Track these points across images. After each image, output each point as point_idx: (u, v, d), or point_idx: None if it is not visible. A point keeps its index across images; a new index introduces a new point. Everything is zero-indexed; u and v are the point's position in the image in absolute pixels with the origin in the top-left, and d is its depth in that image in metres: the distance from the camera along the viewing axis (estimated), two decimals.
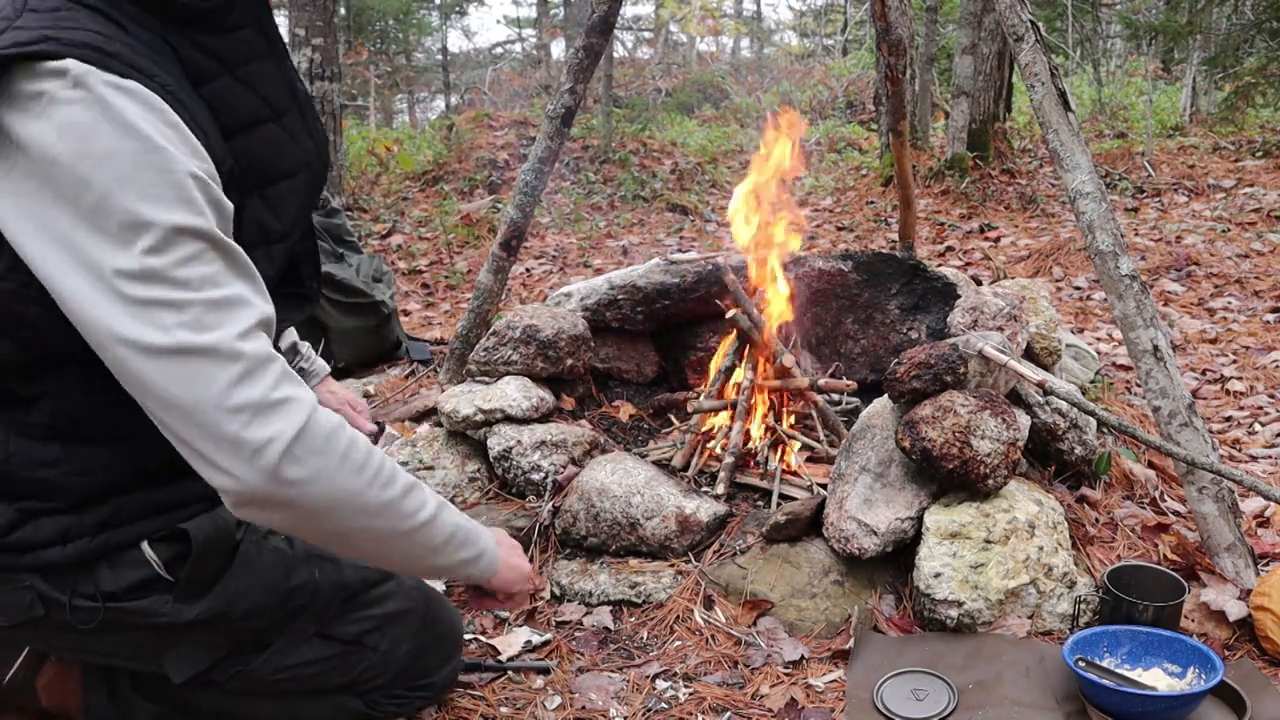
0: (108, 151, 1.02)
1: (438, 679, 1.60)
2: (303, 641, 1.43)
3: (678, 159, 8.10)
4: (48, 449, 1.22)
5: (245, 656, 1.40)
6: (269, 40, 1.27)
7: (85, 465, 1.23)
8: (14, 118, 1.03)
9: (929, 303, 2.65)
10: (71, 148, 1.01)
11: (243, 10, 1.22)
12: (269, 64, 1.26)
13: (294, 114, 1.30)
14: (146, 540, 1.28)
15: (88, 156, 1.01)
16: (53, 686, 1.42)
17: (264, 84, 1.25)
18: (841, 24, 17.12)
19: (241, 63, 1.22)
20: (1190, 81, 9.27)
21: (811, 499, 2.09)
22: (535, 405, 2.38)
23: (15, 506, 1.22)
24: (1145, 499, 2.25)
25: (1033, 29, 2.04)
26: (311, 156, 1.32)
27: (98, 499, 1.25)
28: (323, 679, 1.47)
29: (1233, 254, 5.05)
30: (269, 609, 1.37)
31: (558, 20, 14.42)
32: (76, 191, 1.01)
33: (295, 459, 1.06)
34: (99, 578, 1.25)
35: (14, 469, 1.21)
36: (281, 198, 1.27)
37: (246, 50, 1.23)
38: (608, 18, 2.61)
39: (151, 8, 1.14)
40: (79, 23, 1.08)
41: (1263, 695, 1.61)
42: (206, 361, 1.03)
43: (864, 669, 1.72)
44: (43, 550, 1.22)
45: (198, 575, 1.30)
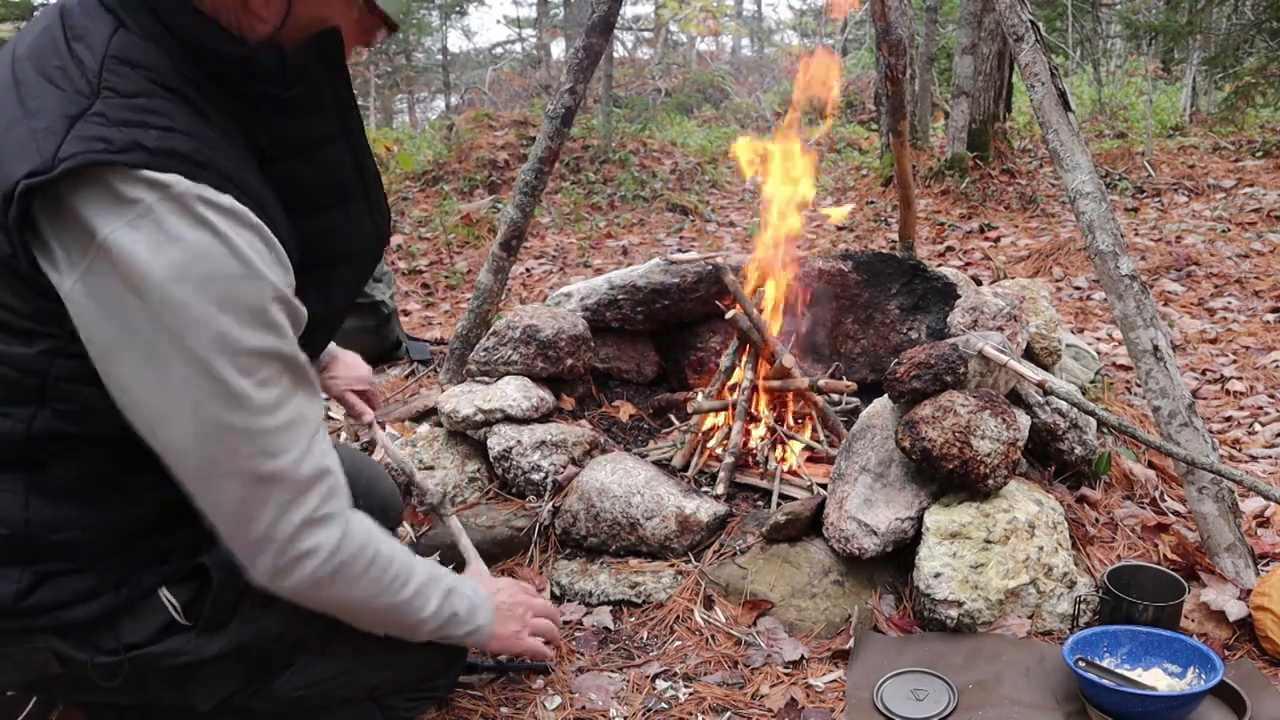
0: (205, 276, 1.02)
1: (446, 680, 1.61)
2: (320, 658, 1.42)
3: (678, 159, 8.10)
4: (67, 510, 1.19)
5: (267, 677, 1.38)
6: (343, 122, 1.24)
7: (105, 525, 1.21)
8: (102, 219, 1.00)
9: (929, 303, 2.65)
10: (167, 268, 1.01)
11: (322, 93, 1.19)
12: (341, 147, 1.24)
13: (359, 198, 1.28)
14: (165, 585, 1.26)
15: (184, 280, 1.01)
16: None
17: (333, 169, 1.23)
18: (841, 24, 17.11)
19: (314, 146, 1.20)
20: (1190, 81, 9.27)
21: (811, 499, 2.09)
22: (535, 405, 2.38)
23: (31, 570, 1.18)
24: (1145, 499, 2.25)
25: (1033, 29, 2.04)
26: (369, 241, 1.31)
27: (117, 553, 1.23)
28: (343, 691, 1.46)
29: (1233, 254, 5.05)
30: (289, 633, 1.36)
31: (558, 20, 14.41)
32: (165, 309, 1.02)
33: (317, 584, 1.20)
34: (120, 631, 1.24)
35: (32, 532, 1.18)
36: (334, 282, 1.26)
37: (320, 134, 1.21)
38: (608, 18, 2.61)
39: (234, 92, 1.12)
40: (168, 118, 1.04)
41: (1263, 695, 1.61)
42: (267, 487, 1.12)
43: (864, 669, 1.72)
44: (63, 610, 1.19)
45: (217, 609, 1.28)
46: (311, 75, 1.16)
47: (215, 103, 1.10)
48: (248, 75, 1.11)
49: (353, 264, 1.30)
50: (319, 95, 1.19)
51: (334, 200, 1.23)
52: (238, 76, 1.11)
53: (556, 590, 2.05)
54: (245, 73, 1.11)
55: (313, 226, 1.20)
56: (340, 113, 1.23)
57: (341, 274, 1.27)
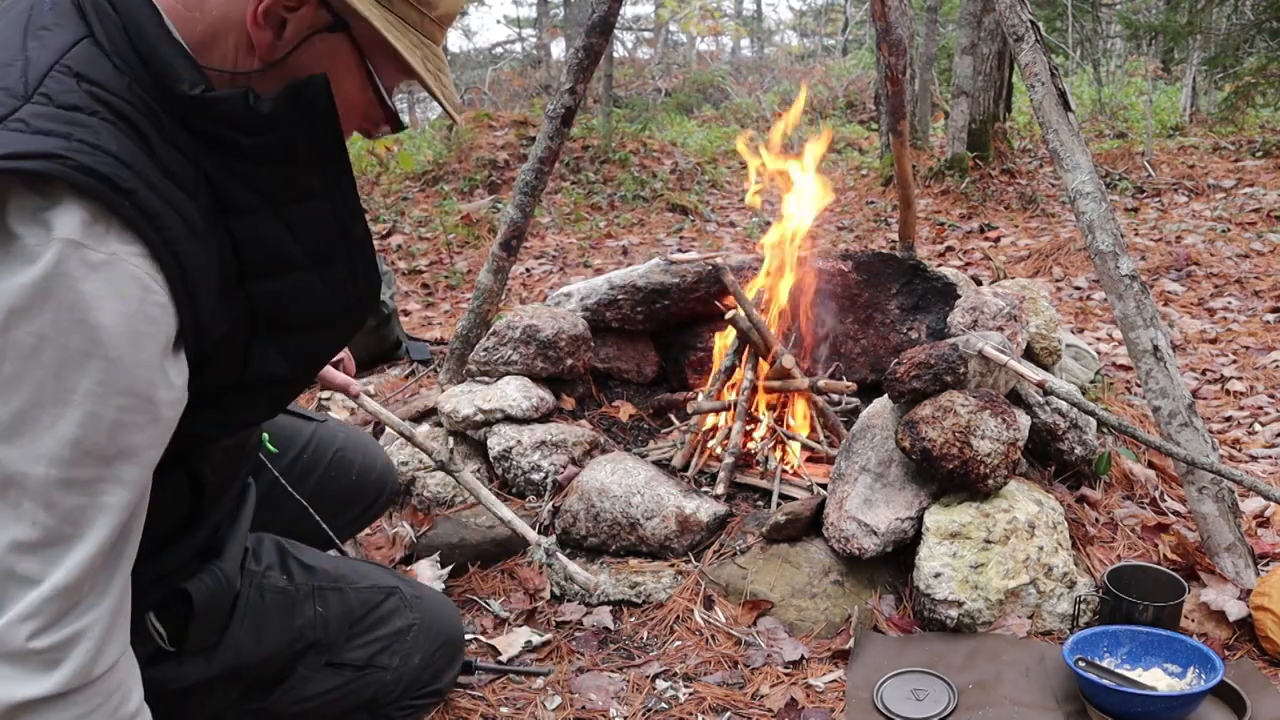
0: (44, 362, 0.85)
1: (443, 684, 1.60)
2: (315, 674, 1.41)
3: (678, 159, 8.10)
4: None
5: (258, 694, 1.37)
6: (326, 180, 1.07)
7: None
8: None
9: (929, 303, 2.65)
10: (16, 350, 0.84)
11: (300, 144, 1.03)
12: (322, 205, 1.08)
13: (340, 263, 1.12)
14: (151, 612, 1.21)
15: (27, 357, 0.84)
16: None
17: (308, 228, 1.07)
18: (841, 24, 17.11)
19: (288, 201, 1.05)
20: (1190, 81, 9.27)
21: (811, 499, 2.09)
22: (535, 405, 2.38)
23: None
24: (1145, 499, 2.25)
25: (1033, 29, 2.04)
26: (350, 307, 1.16)
27: None
28: (339, 704, 1.45)
29: (1233, 254, 5.05)
30: (279, 654, 1.34)
31: (558, 20, 14.41)
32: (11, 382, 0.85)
33: None
34: None
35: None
36: (298, 347, 1.12)
37: (297, 188, 1.05)
38: (608, 18, 2.61)
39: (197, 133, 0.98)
40: (97, 137, 0.89)
41: (1263, 695, 1.61)
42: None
43: (864, 669, 1.72)
44: None
45: (202, 634, 1.25)
46: (285, 125, 1.01)
47: (174, 141, 0.96)
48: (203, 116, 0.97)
49: (322, 333, 1.16)
50: (293, 148, 1.03)
51: (308, 262, 1.08)
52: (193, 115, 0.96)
53: (556, 590, 2.05)
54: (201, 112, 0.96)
55: (279, 287, 1.07)
56: (323, 170, 1.07)
57: (309, 340, 1.14)
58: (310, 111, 1.02)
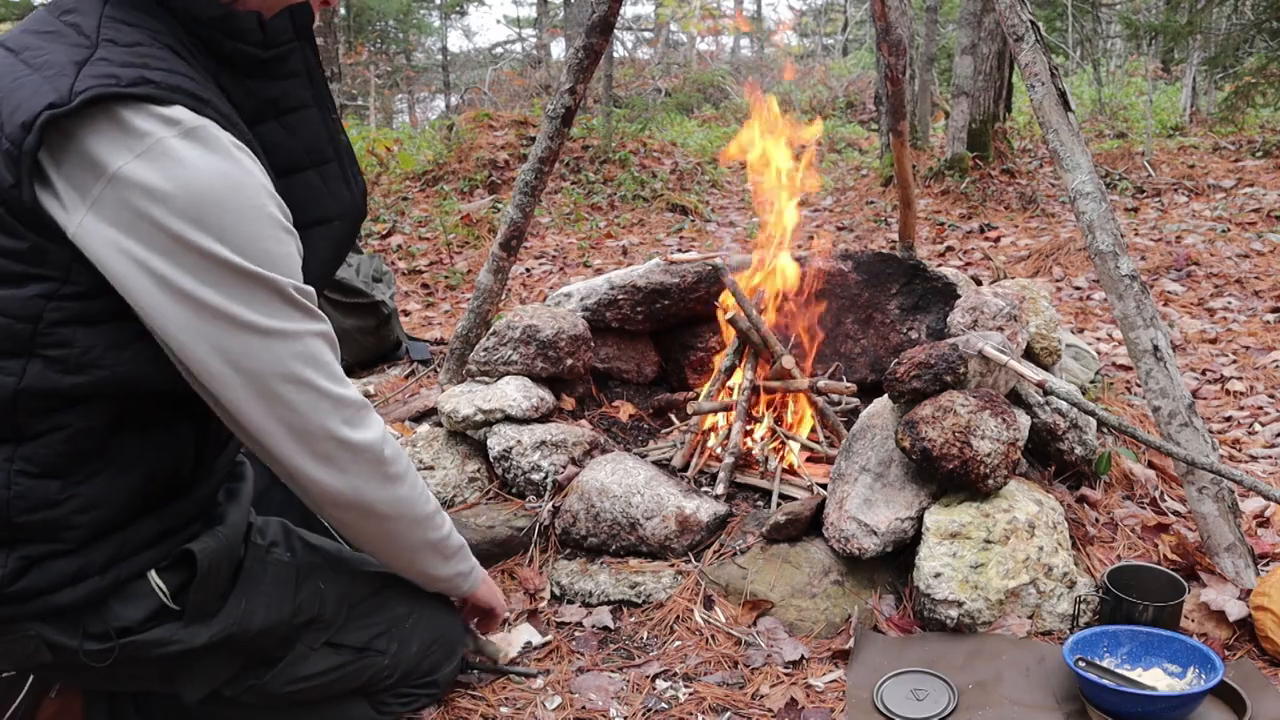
0: (225, 192, 1.09)
1: (441, 676, 1.61)
2: (313, 652, 1.42)
3: (678, 159, 8.10)
4: (49, 486, 1.16)
5: (258, 671, 1.38)
6: (315, 91, 1.30)
7: (90, 500, 1.19)
8: (112, 153, 1.06)
9: (929, 303, 2.65)
10: (183, 190, 1.07)
11: (295, 60, 1.26)
12: (314, 113, 1.30)
13: (334, 164, 1.33)
14: (153, 569, 1.25)
15: (201, 199, 1.08)
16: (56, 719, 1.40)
17: (307, 132, 1.29)
18: (842, 24, 17.12)
19: (289, 110, 1.27)
20: (1190, 81, 9.27)
21: (811, 499, 2.09)
22: (535, 405, 2.38)
23: (17, 555, 1.16)
24: (1145, 499, 2.25)
25: (1033, 29, 2.04)
26: (348, 206, 1.35)
27: (103, 534, 1.21)
28: (335, 686, 1.46)
29: (1233, 254, 5.05)
30: (279, 625, 1.36)
31: (558, 20, 14.41)
32: (187, 228, 1.07)
33: (371, 477, 1.30)
34: (109, 615, 1.22)
35: (14, 514, 1.15)
36: (311, 243, 1.27)
37: (294, 99, 1.27)
38: (608, 18, 2.61)
39: (212, 50, 1.18)
40: (165, 63, 1.11)
41: (1263, 695, 1.61)
42: (311, 388, 1.20)
43: (864, 669, 1.72)
44: (50, 595, 1.18)
45: (204, 597, 1.28)
46: (286, 40, 1.23)
47: (202, 66, 1.17)
48: (228, 34, 1.18)
49: (329, 228, 1.32)
50: (292, 62, 1.26)
51: (309, 163, 1.28)
52: (219, 35, 1.18)
53: (556, 590, 2.05)
54: (225, 31, 1.18)
55: (289, 188, 1.23)
56: (313, 82, 1.30)
57: (317, 237, 1.30)
58: (301, 32, 1.26)
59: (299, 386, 1.19)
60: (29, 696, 1.36)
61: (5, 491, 1.14)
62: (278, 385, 1.17)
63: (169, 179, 1.06)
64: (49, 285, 1.11)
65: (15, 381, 1.12)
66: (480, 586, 1.63)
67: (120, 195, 1.06)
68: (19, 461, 1.15)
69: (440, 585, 1.58)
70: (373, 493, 1.30)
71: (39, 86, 1.06)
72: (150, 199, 1.06)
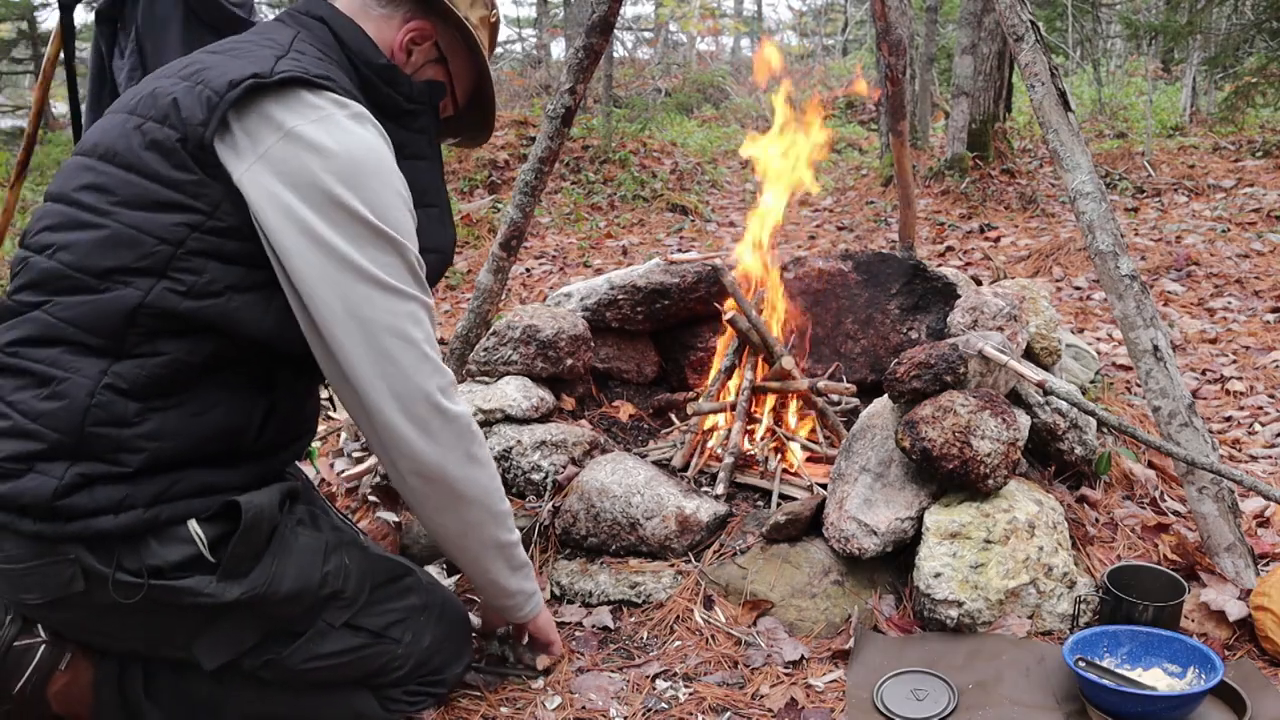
0: (376, 160, 1.32)
1: (448, 675, 1.62)
2: (332, 631, 1.45)
3: (678, 159, 8.10)
4: (127, 406, 1.25)
5: (277, 644, 1.41)
6: (433, 151, 1.56)
7: (159, 429, 1.27)
8: (290, 116, 1.27)
9: (929, 303, 2.65)
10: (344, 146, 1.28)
11: (424, 120, 1.52)
12: (429, 165, 1.53)
13: (438, 209, 1.54)
14: (194, 518, 1.30)
15: (358, 158, 1.29)
16: (64, 694, 1.41)
17: (425, 178, 1.49)
18: (841, 24, 17.12)
19: (414, 157, 1.48)
20: (1190, 81, 9.27)
21: (811, 499, 2.09)
22: (535, 405, 2.38)
23: (76, 469, 1.23)
24: (1145, 499, 2.25)
25: (1033, 29, 2.04)
26: (446, 245, 1.57)
27: (159, 469, 1.28)
28: (348, 669, 1.49)
29: (1233, 254, 5.05)
30: (306, 592, 1.40)
31: (558, 20, 14.41)
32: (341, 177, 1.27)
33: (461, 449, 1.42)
34: (145, 552, 1.27)
35: (88, 422, 1.23)
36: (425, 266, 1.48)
37: (418, 149, 1.50)
38: (608, 18, 2.61)
39: (367, 90, 1.43)
40: (341, 78, 1.38)
41: (1263, 695, 1.61)
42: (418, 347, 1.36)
43: (864, 669, 1.72)
44: (93, 518, 1.23)
45: (242, 551, 1.32)
46: (422, 102, 1.51)
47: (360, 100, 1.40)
48: (386, 80, 1.45)
49: (432, 257, 1.50)
50: (422, 121, 1.52)
51: (421, 203, 1.46)
52: (379, 80, 1.44)
53: (556, 590, 2.05)
54: (385, 78, 1.45)
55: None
56: (431, 143, 1.55)
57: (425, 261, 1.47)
58: (434, 102, 1.54)
59: (405, 344, 1.33)
60: (39, 669, 1.38)
61: (88, 399, 1.24)
62: (387, 339, 1.32)
63: (334, 140, 1.27)
64: (197, 216, 1.26)
65: (141, 296, 1.25)
66: (541, 614, 1.70)
67: (290, 149, 1.25)
68: (111, 375, 1.25)
69: (504, 600, 1.63)
70: (456, 468, 1.41)
71: (244, 65, 1.28)
72: (314, 153, 1.26)
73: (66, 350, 1.26)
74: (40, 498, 1.22)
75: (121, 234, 1.25)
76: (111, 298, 1.25)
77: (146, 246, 1.25)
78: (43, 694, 1.40)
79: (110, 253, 1.26)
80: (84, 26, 5.90)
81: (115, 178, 1.28)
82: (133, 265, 1.25)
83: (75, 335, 1.26)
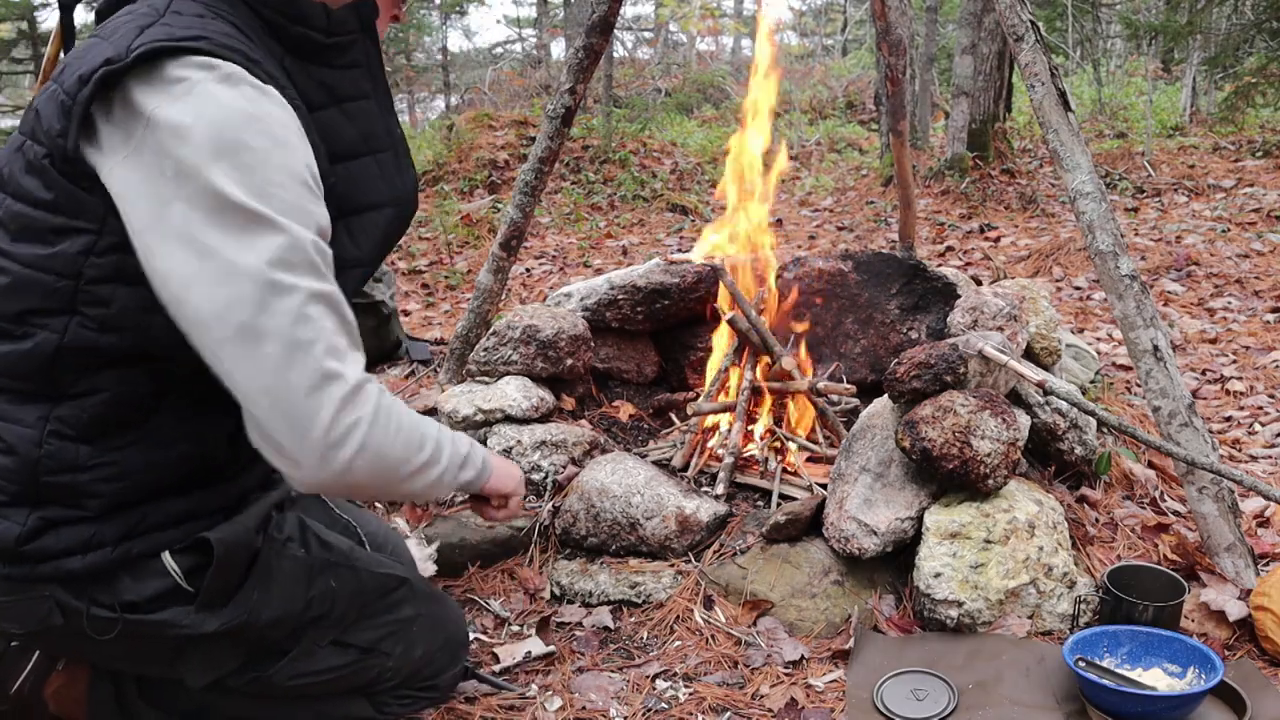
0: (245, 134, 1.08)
1: (443, 680, 1.61)
2: (320, 649, 1.42)
3: (678, 159, 8.10)
4: (79, 451, 1.19)
5: (263, 663, 1.39)
6: (375, 84, 1.35)
7: (117, 470, 1.21)
8: (153, 100, 1.08)
9: (929, 303, 2.65)
10: (207, 124, 1.06)
11: (357, 52, 1.30)
12: (372, 104, 1.34)
13: (389, 154, 1.36)
14: (168, 550, 1.26)
15: (223, 134, 1.06)
16: (60, 694, 1.41)
17: (365, 121, 1.32)
18: (841, 24, 17.12)
19: (349, 99, 1.30)
20: (1190, 81, 9.27)
21: (811, 499, 2.09)
22: (535, 405, 2.38)
23: (37, 514, 1.19)
24: (1145, 499, 2.25)
25: (1033, 29, 2.04)
26: (401, 194, 1.38)
27: (123, 507, 1.23)
28: (338, 684, 1.47)
29: (1233, 254, 5.05)
30: (289, 618, 1.37)
31: (558, 20, 14.41)
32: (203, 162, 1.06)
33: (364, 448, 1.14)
34: (118, 588, 1.23)
35: (41, 472, 1.18)
36: (364, 228, 1.31)
37: (354, 88, 1.31)
38: (608, 18, 2.61)
39: (277, 34, 1.22)
40: (224, 33, 1.15)
41: (1263, 695, 1.61)
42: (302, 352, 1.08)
43: (864, 669, 1.72)
44: (62, 560, 1.20)
45: (218, 585, 1.28)
46: (349, 31, 1.28)
47: (266, 49, 1.20)
48: (291, 18, 1.22)
49: (381, 214, 1.35)
50: (354, 53, 1.30)
51: (366, 150, 1.32)
52: (283, 19, 1.22)
53: (556, 590, 2.05)
54: (289, 14, 1.22)
55: (346, 172, 1.27)
56: (373, 76, 1.34)
57: (370, 220, 1.33)
58: (365, 25, 1.30)
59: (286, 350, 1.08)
60: (36, 669, 1.38)
61: (36, 450, 1.17)
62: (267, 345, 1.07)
63: (195, 114, 1.06)
64: (87, 239, 1.12)
65: (58, 339, 1.15)
66: (490, 479, 1.47)
67: (154, 137, 1.07)
68: (54, 421, 1.18)
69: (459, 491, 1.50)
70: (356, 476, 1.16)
71: (100, 51, 1.11)
72: (175, 136, 1.06)
73: (3, 399, 1.19)
74: (5, 543, 1.18)
75: (20, 276, 1.15)
76: (32, 344, 1.15)
77: (47, 285, 1.13)
78: (40, 694, 1.39)
79: (14, 297, 1.15)
80: (84, 26, 5.90)
81: (8, 210, 1.17)
82: (40, 307, 1.15)
83: (7, 384, 1.19)
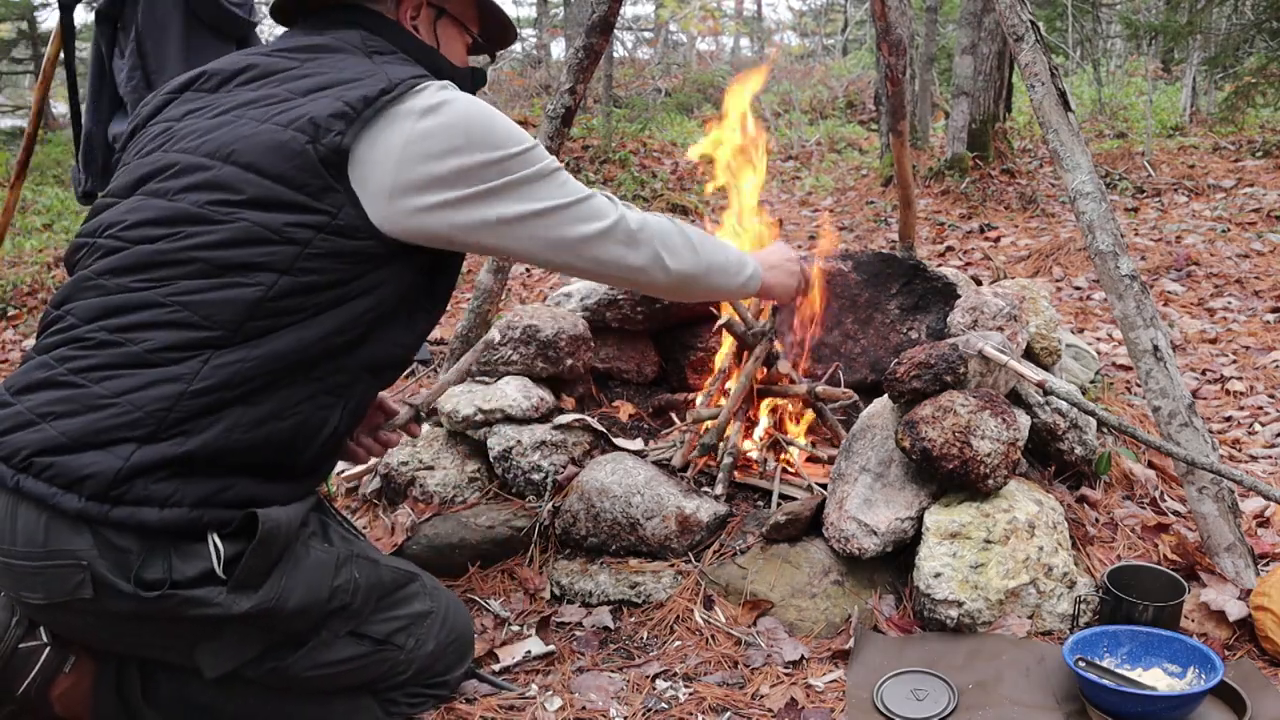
0: (483, 112, 1.40)
1: (451, 679, 1.63)
2: (336, 640, 1.46)
3: (678, 159, 8.10)
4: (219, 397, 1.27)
5: (281, 652, 1.41)
6: None
7: (232, 422, 1.28)
8: (406, 118, 1.35)
9: (929, 303, 2.65)
10: (461, 123, 1.36)
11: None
12: None
13: None
14: (217, 532, 1.30)
15: (477, 123, 1.37)
16: (67, 696, 1.42)
17: None
18: (842, 24, 17.11)
19: None
20: (1190, 81, 9.27)
21: (811, 499, 2.09)
22: (535, 405, 2.38)
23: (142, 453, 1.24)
24: (1145, 499, 2.25)
25: (1033, 29, 2.04)
26: None
27: (212, 472, 1.28)
28: (351, 676, 1.50)
29: (1233, 254, 5.05)
30: (313, 607, 1.40)
31: (558, 20, 14.41)
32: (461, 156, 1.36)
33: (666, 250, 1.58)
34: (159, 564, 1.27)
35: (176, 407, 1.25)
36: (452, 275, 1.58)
37: None
38: (608, 18, 2.61)
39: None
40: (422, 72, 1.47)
41: (1263, 695, 1.61)
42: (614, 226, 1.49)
43: (864, 669, 1.72)
44: (139, 507, 1.23)
45: (254, 565, 1.31)
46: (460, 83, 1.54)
47: None
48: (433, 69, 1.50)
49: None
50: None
51: None
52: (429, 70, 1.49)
53: (556, 590, 2.05)
54: (432, 66, 1.51)
55: None
56: None
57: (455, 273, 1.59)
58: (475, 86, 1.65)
59: (599, 242, 1.48)
60: (43, 670, 1.38)
61: (187, 383, 1.26)
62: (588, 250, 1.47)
63: (441, 115, 1.35)
64: (322, 218, 1.31)
65: (265, 292, 1.29)
66: (766, 278, 1.78)
67: (410, 149, 1.33)
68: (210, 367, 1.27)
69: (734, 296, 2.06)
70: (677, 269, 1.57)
71: (364, 79, 1.37)
72: (426, 138, 1.33)
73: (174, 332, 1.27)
74: (104, 476, 1.22)
75: (252, 230, 1.31)
76: (238, 292, 1.28)
77: (276, 245, 1.30)
78: (46, 696, 1.40)
79: (241, 249, 1.30)
80: (84, 26, 5.89)
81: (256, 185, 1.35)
82: (263, 263, 1.29)
83: (190, 319, 1.27)
